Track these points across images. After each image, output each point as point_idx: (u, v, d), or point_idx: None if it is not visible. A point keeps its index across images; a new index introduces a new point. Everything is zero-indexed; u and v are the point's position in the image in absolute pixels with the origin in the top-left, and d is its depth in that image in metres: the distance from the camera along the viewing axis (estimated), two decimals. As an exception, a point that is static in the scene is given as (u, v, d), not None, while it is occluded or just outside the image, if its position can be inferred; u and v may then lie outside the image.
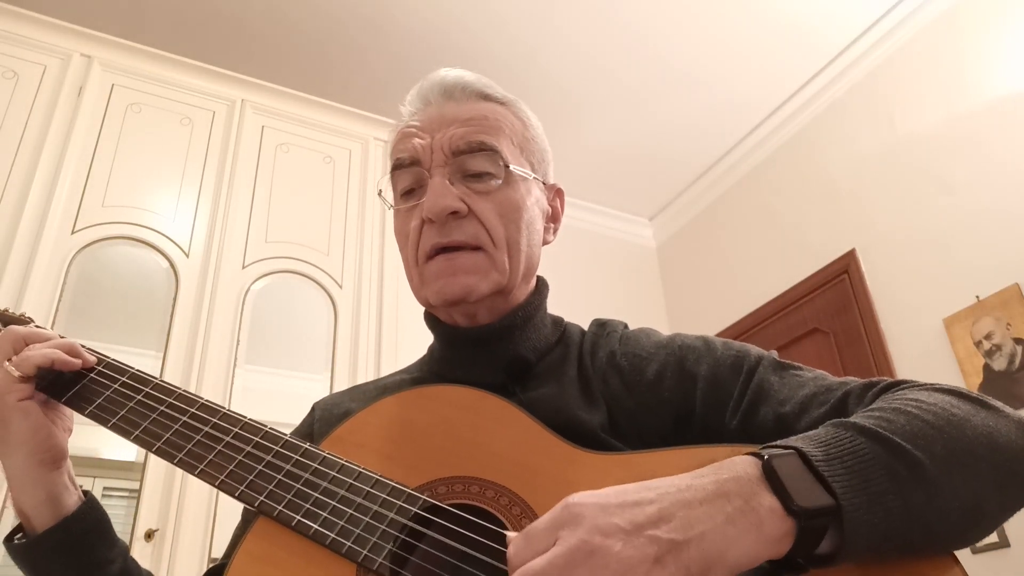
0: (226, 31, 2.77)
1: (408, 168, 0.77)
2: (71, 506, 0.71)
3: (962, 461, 0.53)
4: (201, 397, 0.73)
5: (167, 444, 0.69)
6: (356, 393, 0.85)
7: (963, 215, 2.50)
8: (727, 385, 0.69)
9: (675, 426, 0.69)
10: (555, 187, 0.86)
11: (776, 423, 0.64)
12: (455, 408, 0.68)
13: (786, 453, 0.50)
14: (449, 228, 0.73)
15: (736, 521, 0.45)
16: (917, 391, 0.60)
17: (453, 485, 0.62)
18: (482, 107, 0.79)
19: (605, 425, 0.69)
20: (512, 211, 0.76)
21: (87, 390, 0.74)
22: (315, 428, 0.81)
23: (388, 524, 0.60)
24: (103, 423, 0.72)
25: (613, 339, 0.78)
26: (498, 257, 0.74)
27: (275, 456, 0.67)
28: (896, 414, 0.55)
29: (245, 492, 0.64)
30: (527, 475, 0.61)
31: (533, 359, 0.76)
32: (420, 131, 0.77)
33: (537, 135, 0.84)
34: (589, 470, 0.61)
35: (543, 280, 0.85)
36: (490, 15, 2.78)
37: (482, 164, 0.75)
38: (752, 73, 3.08)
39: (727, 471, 0.48)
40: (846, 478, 0.49)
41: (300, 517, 0.62)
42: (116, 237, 2.11)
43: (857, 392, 0.63)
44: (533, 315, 0.79)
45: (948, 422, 0.55)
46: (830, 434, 0.52)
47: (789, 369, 0.70)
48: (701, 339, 0.75)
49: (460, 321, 0.77)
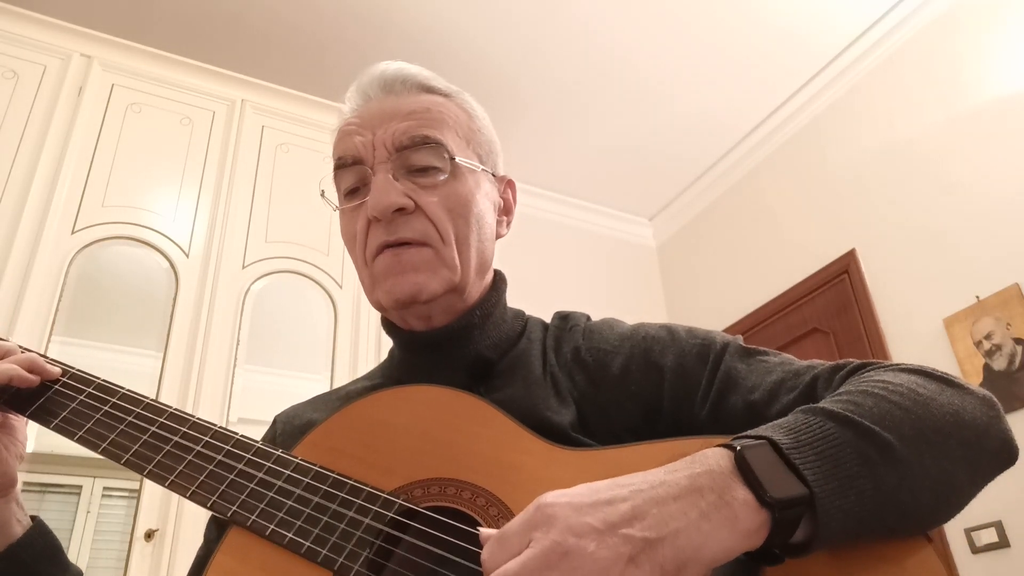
0: (226, 31, 2.77)
1: (350, 167, 0.74)
2: (17, 533, 0.68)
3: (931, 440, 0.53)
4: (169, 406, 0.71)
5: (136, 456, 0.67)
6: (318, 403, 0.83)
7: (963, 215, 2.50)
8: (694, 375, 0.68)
9: (645, 419, 0.68)
10: (506, 179, 0.84)
11: (746, 411, 0.64)
12: (429, 408, 0.67)
13: (757, 444, 0.49)
14: (396, 225, 0.71)
15: (710, 516, 0.45)
16: (883, 372, 0.60)
17: (430, 487, 0.62)
18: (424, 100, 0.76)
19: (575, 424, 0.67)
20: (460, 205, 0.73)
21: (52, 403, 0.71)
22: (277, 441, 0.79)
23: (364, 530, 0.59)
24: (69, 436, 0.69)
25: (576, 333, 0.76)
26: (447, 253, 0.72)
27: (247, 464, 0.65)
28: (864, 396, 0.55)
29: (217, 502, 0.63)
30: (504, 474, 0.60)
31: (495, 358, 0.75)
32: (360, 128, 0.74)
33: (484, 126, 0.81)
34: (566, 467, 0.60)
35: (500, 274, 0.82)
36: (489, 16, 2.78)
37: (426, 158, 0.73)
38: (752, 73, 3.08)
39: (699, 465, 0.48)
40: (817, 464, 0.49)
41: (273, 526, 0.61)
42: (116, 237, 2.10)
43: (825, 376, 0.63)
44: (491, 312, 0.77)
45: (915, 402, 0.55)
46: (799, 421, 0.52)
47: (755, 355, 0.69)
48: (665, 328, 0.74)
49: (416, 325, 0.75)
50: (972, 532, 2.25)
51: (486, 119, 0.82)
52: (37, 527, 0.70)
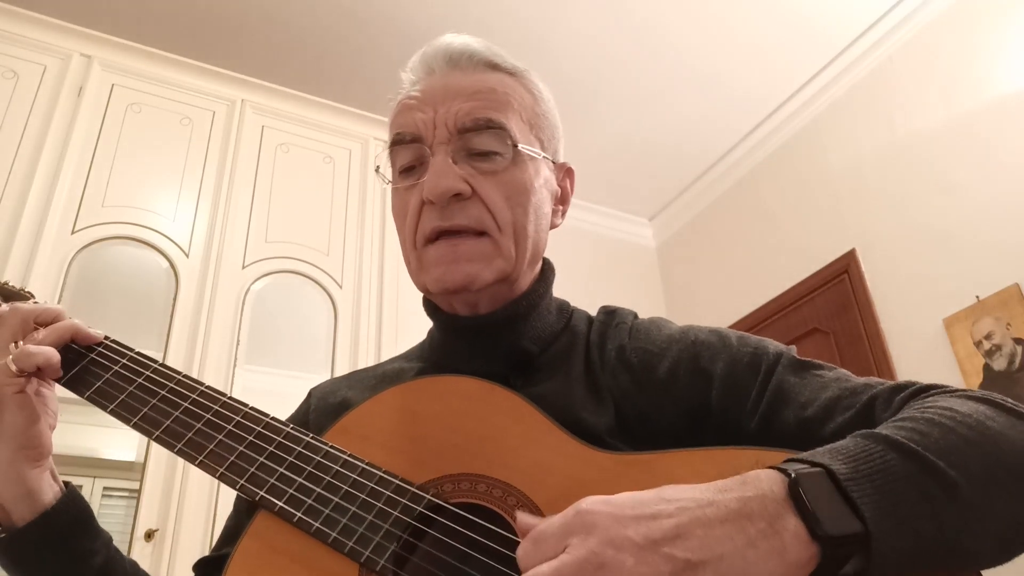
0: (226, 31, 2.77)
1: (408, 144, 0.71)
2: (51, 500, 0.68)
3: (1001, 480, 0.49)
4: (202, 383, 0.70)
5: (167, 432, 0.66)
6: (353, 380, 0.81)
7: (963, 215, 2.50)
8: (744, 385, 0.65)
9: (688, 426, 0.65)
10: (565, 166, 0.81)
11: (798, 427, 0.61)
12: (463, 400, 0.65)
13: (813, 471, 0.46)
14: (451, 211, 0.68)
15: (758, 544, 0.42)
16: (949, 398, 0.56)
17: (460, 483, 0.60)
18: (490, 78, 0.73)
19: (612, 428, 0.65)
20: (519, 193, 0.70)
21: (87, 371, 0.71)
22: (311, 416, 0.78)
23: (392, 523, 0.58)
24: (102, 407, 0.69)
25: (622, 331, 0.73)
26: (503, 243, 0.69)
27: (277, 447, 0.64)
28: (930, 426, 0.51)
29: (245, 485, 0.62)
30: (536, 474, 0.59)
31: (536, 350, 0.72)
32: (422, 104, 0.71)
33: (548, 110, 0.78)
34: (602, 471, 0.58)
35: (549, 264, 0.80)
36: (488, 17, 2.78)
37: (488, 142, 0.70)
38: (751, 74, 3.08)
39: (752, 488, 0.45)
40: (876, 499, 0.45)
41: (301, 514, 0.60)
42: (116, 237, 2.11)
43: (884, 396, 0.59)
44: (537, 303, 0.75)
45: (983, 436, 0.51)
46: (859, 447, 0.48)
47: (810, 368, 0.66)
48: (715, 333, 0.71)
49: (460, 310, 0.73)
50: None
51: (551, 101, 0.79)
52: (70, 493, 0.69)
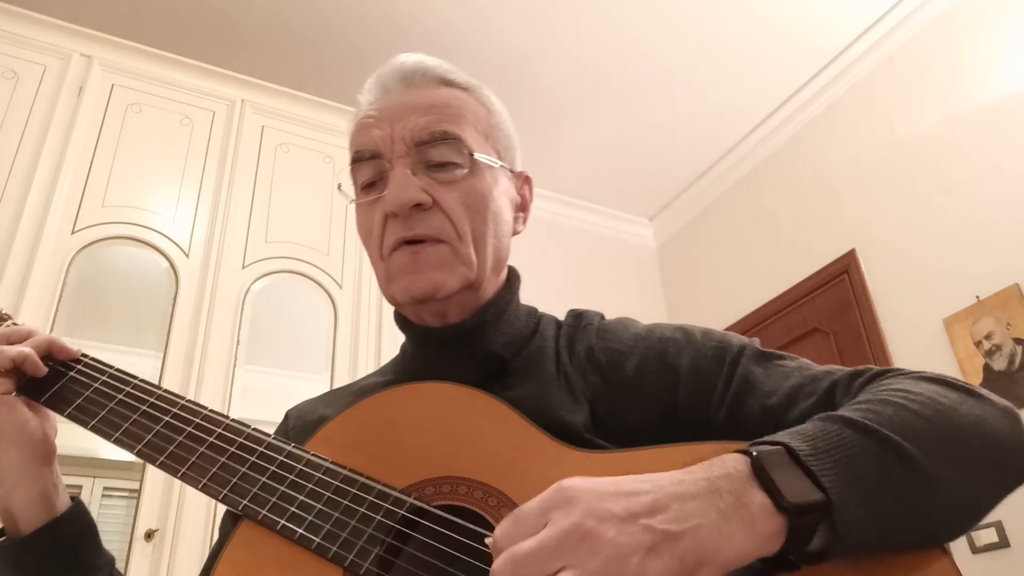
0: (226, 31, 2.77)
1: (368, 161, 0.74)
2: (62, 507, 0.69)
3: (953, 451, 0.53)
4: (183, 397, 0.71)
5: (148, 446, 0.67)
6: (330, 399, 0.83)
7: (963, 215, 2.50)
8: (710, 377, 0.67)
9: (660, 421, 0.67)
10: (523, 175, 0.83)
11: (763, 415, 0.63)
12: (442, 405, 0.66)
13: (774, 449, 0.49)
14: (413, 221, 0.70)
15: (729, 517, 0.45)
16: (903, 380, 0.59)
17: (441, 486, 0.61)
18: (444, 94, 0.76)
19: (588, 424, 0.67)
20: (479, 202, 0.73)
21: (66, 390, 0.71)
22: (290, 436, 0.78)
23: (375, 528, 0.59)
24: (83, 424, 0.69)
25: (590, 332, 0.76)
26: (463, 250, 0.71)
27: (259, 457, 0.65)
28: (884, 405, 0.54)
29: (229, 495, 0.63)
30: (517, 474, 0.60)
31: (508, 356, 0.74)
32: (379, 121, 0.73)
33: (502, 122, 0.81)
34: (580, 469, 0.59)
35: (514, 271, 0.82)
36: (488, 18, 2.78)
37: (446, 154, 0.72)
38: (752, 73, 3.08)
39: (717, 468, 0.48)
40: (835, 471, 0.48)
41: (284, 521, 0.60)
42: (116, 237, 2.10)
43: (844, 382, 0.62)
44: (505, 309, 0.76)
45: (936, 412, 0.54)
46: (817, 428, 0.52)
47: (772, 359, 0.68)
48: (680, 329, 0.73)
49: (430, 321, 0.74)
50: (972, 532, 2.25)
51: (505, 114, 0.82)
52: (78, 506, 0.70)
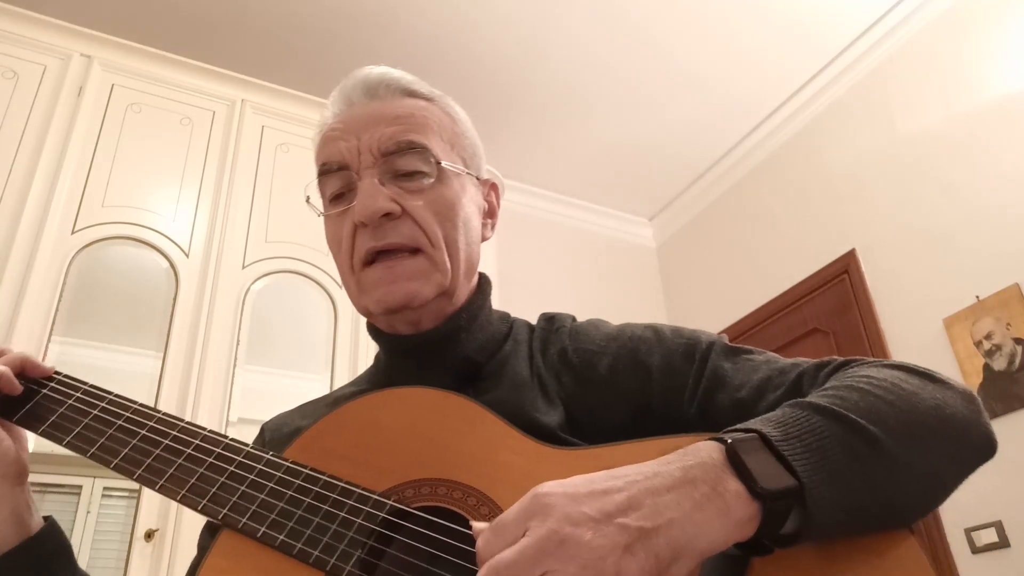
0: (226, 31, 2.77)
1: (336, 173, 0.74)
2: (35, 527, 0.68)
3: (916, 433, 0.55)
4: (159, 411, 0.71)
5: (125, 460, 0.66)
6: (305, 410, 0.83)
7: (963, 215, 2.50)
8: (681, 374, 0.69)
9: (634, 419, 0.68)
10: (489, 182, 0.84)
11: (733, 408, 0.65)
12: (420, 409, 0.67)
13: (747, 436, 0.50)
14: (384, 231, 0.71)
15: (703, 507, 0.46)
16: (867, 367, 0.61)
17: (421, 488, 0.62)
18: (408, 104, 0.77)
19: (563, 425, 0.68)
20: (448, 209, 0.74)
21: (40, 407, 0.71)
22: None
23: (356, 530, 0.60)
24: (57, 441, 0.68)
25: (563, 334, 0.77)
26: (438, 257, 0.72)
27: (237, 467, 0.65)
28: (849, 391, 0.56)
29: (207, 505, 0.63)
30: (494, 473, 0.61)
31: (482, 360, 0.75)
32: (345, 133, 0.74)
33: (467, 130, 0.82)
34: (557, 466, 0.60)
35: (485, 277, 0.83)
36: (489, 17, 2.78)
37: (413, 163, 0.73)
38: (752, 73, 3.08)
39: (692, 457, 0.49)
40: (806, 456, 0.50)
41: (265, 528, 0.61)
42: (116, 237, 2.10)
43: (810, 373, 0.64)
44: (477, 314, 0.77)
45: (899, 396, 0.56)
46: (787, 415, 0.53)
47: (741, 354, 0.70)
48: (650, 328, 0.75)
49: (402, 329, 0.75)
50: (972, 532, 2.25)
51: (468, 123, 0.83)
52: (52, 525, 0.70)
